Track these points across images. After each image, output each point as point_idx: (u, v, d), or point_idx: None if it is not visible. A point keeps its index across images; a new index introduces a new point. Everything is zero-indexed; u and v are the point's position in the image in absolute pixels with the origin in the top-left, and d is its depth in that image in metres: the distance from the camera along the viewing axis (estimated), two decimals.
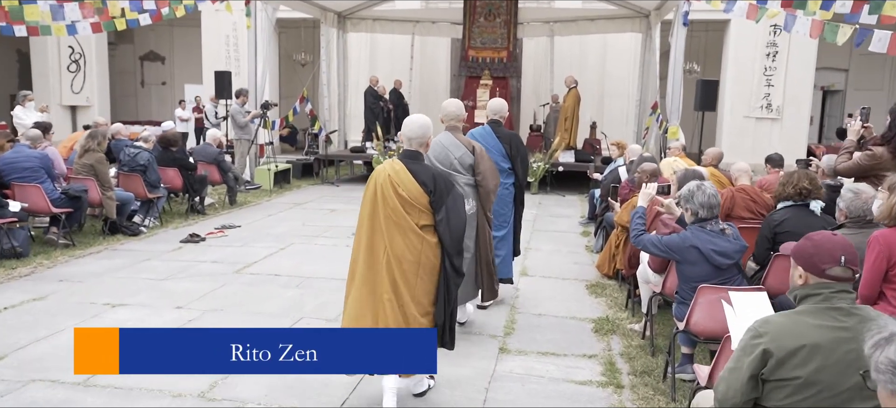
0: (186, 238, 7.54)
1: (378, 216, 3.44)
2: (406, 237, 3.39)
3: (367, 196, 3.52)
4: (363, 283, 3.47)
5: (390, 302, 3.40)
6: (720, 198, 3.70)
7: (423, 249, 3.41)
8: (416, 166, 3.44)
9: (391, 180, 3.40)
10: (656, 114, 13.14)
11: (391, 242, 3.39)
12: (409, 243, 3.39)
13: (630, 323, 5.03)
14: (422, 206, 3.40)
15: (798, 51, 16.79)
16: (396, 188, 3.39)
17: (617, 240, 6.12)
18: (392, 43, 17.39)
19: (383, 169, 3.50)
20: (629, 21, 15.36)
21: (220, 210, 9.67)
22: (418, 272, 3.43)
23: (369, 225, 3.48)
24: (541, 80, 17.10)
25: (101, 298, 5.37)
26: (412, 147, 3.54)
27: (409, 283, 3.41)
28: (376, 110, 13.59)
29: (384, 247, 3.40)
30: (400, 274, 3.40)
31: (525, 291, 5.88)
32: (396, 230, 3.39)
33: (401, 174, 3.42)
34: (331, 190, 12.07)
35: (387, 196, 3.40)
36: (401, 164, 3.47)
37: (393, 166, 3.48)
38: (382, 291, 3.41)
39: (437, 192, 3.39)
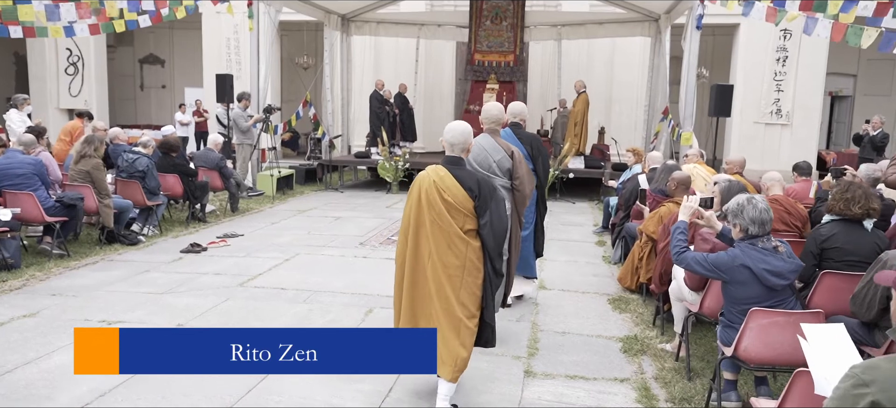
0: (187, 248, 7.22)
1: (423, 222, 3.44)
2: (451, 242, 3.41)
3: (411, 202, 3.52)
4: (411, 289, 3.50)
5: (439, 308, 3.43)
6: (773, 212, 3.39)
7: (468, 253, 3.43)
8: (460, 172, 3.46)
9: (436, 186, 3.41)
10: (667, 119, 12.84)
11: (437, 246, 3.41)
12: (454, 248, 3.41)
13: (661, 343, 4.71)
14: (467, 211, 3.42)
15: (808, 56, 16.52)
16: (442, 194, 3.40)
17: (640, 252, 5.80)
18: (396, 46, 17.11)
19: (427, 175, 3.50)
20: (638, 25, 15.07)
21: (222, 218, 9.35)
22: (463, 276, 3.44)
23: (415, 231, 3.48)
24: (548, 84, 16.82)
25: (96, 314, 5.05)
26: (455, 152, 3.53)
27: (454, 286, 3.43)
28: (382, 115, 13.28)
29: (429, 252, 3.42)
30: (446, 278, 3.42)
31: (545, 307, 5.56)
32: (441, 235, 3.41)
33: (446, 180, 3.42)
34: (335, 196, 11.76)
35: (432, 201, 3.41)
36: (445, 169, 3.47)
37: (437, 172, 3.47)
38: (429, 295, 3.44)
39: (481, 197, 3.41)
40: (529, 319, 5.23)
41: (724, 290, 3.44)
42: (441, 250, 3.41)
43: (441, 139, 3.64)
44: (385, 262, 6.88)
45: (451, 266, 3.42)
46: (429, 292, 3.44)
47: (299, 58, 19.23)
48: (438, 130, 14.84)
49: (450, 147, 3.54)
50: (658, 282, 4.87)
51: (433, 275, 3.42)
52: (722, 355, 3.47)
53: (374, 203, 11.04)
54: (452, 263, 3.42)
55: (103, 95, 18.38)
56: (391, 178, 12.26)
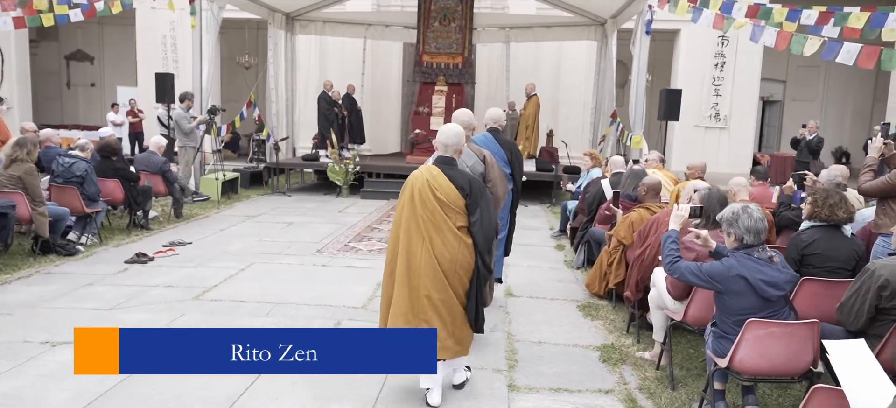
0: (132, 258, 6.79)
1: (416, 218, 3.59)
2: (444, 237, 3.57)
3: (403, 199, 3.68)
4: (402, 283, 3.61)
5: (428, 298, 3.57)
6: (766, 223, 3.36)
7: (460, 248, 3.59)
8: (452, 171, 3.64)
9: (429, 184, 3.59)
10: (616, 122, 13.01)
11: (431, 241, 3.56)
12: (447, 243, 3.57)
13: (638, 351, 4.67)
14: (458, 208, 3.60)
15: (744, 62, 17.12)
16: (435, 192, 3.57)
17: (610, 257, 5.78)
18: (342, 46, 16.77)
19: (420, 174, 3.66)
20: (585, 29, 15.23)
21: (166, 224, 8.88)
22: (455, 269, 3.60)
23: (407, 227, 3.62)
24: (495, 87, 16.81)
25: (37, 335, 4.63)
26: (448, 153, 3.72)
27: (447, 279, 3.59)
28: (331, 117, 12.96)
29: (422, 247, 3.57)
30: (442, 272, 3.57)
31: (516, 314, 5.46)
32: (434, 231, 3.57)
33: (438, 179, 3.61)
34: (283, 201, 11.38)
35: (425, 199, 3.57)
36: (437, 169, 3.65)
37: (430, 171, 3.65)
38: (421, 288, 3.57)
39: (472, 195, 3.61)
40: (503, 328, 5.11)
41: (717, 300, 3.40)
42: (435, 245, 3.56)
43: (434, 141, 3.85)
44: (346, 270, 6.64)
45: (444, 260, 3.57)
46: (421, 286, 3.57)
47: (240, 57, 18.63)
48: (386, 132, 14.69)
49: (443, 148, 3.73)
50: (634, 289, 4.83)
51: (428, 268, 3.56)
52: (714, 365, 3.42)
53: (325, 207, 10.73)
54: (445, 257, 3.57)
55: (26, 93, 17.29)
56: (341, 181, 11.96)
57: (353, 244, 7.88)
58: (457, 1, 15.04)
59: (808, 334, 3.18)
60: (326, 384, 3.91)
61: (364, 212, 10.36)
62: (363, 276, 6.44)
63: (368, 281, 6.26)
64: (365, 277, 6.41)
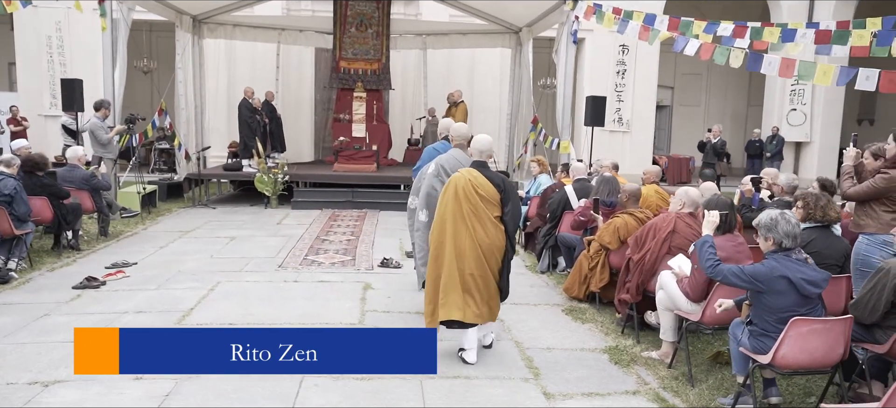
0: (82, 283, 6.24)
1: (461, 211, 4.41)
2: (485, 226, 4.44)
3: (447, 197, 4.48)
4: (452, 264, 4.42)
5: (472, 276, 4.43)
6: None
7: (496, 234, 4.47)
8: (487, 172, 4.53)
9: (471, 183, 4.44)
10: (538, 128, 13.43)
11: (473, 230, 4.41)
12: (487, 230, 4.44)
13: (643, 351, 4.90)
14: (495, 201, 4.47)
15: (642, 70, 18.24)
16: (476, 189, 4.43)
17: (590, 262, 6.01)
18: (252, 51, 16.19)
19: (462, 175, 4.49)
20: (500, 36, 15.61)
21: (95, 244, 8.21)
22: (492, 251, 4.47)
23: (453, 219, 4.43)
24: (410, 93, 16.85)
25: (19, 376, 4.18)
26: (482, 158, 4.63)
27: (487, 259, 4.47)
28: (253, 125, 12.47)
29: (467, 234, 4.40)
30: (481, 253, 4.43)
31: (511, 323, 5.55)
32: (477, 221, 4.42)
33: (478, 179, 4.47)
34: (210, 214, 10.82)
35: (469, 195, 4.42)
36: (476, 171, 4.51)
37: (470, 173, 4.50)
38: (467, 267, 4.42)
39: (505, 191, 4.50)
40: (507, 337, 5.19)
41: (758, 299, 3.65)
42: (477, 233, 4.40)
43: (469, 149, 4.76)
44: (321, 286, 6.46)
45: (484, 244, 4.42)
46: (468, 266, 4.40)
47: (137, 61, 17.46)
48: (300, 140, 14.27)
49: (478, 154, 4.63)
50: (634, 292, 5.06)
51: (472, 251, 4.40)
52: (754, 362, 3.67)
53: (260, 220, 10.32)
54: (486, 241, 4.43)
55: None
56: (270, 192, 11.55)
57: (312, 258, 7.66)
58: (373, 7, 14.95)
59: (842, 329, 3.51)
60: None
61: (303, 223, 10.07)
62: (341, 291, 6.30)
63: (350, 296, 6.13)
64: (344, 291, 6.27)
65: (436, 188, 5.02)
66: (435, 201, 4.82)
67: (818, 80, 8.05)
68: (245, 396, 3.94)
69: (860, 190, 4.56)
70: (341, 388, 4.10)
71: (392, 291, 6.34)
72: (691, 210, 5.01)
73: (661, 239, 4.89)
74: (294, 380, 4.18)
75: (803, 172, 18.30)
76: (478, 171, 4.47)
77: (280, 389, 4.06)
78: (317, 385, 4.12)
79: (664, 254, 4.89)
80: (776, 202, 5.83)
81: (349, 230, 9.49)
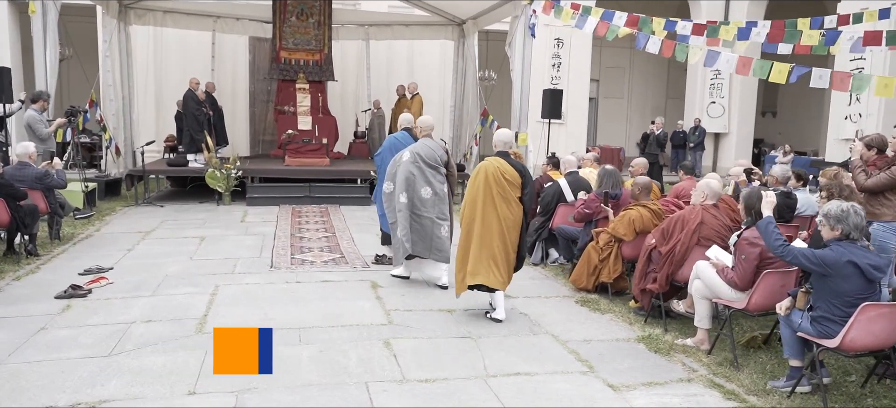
0: (67, 292, 5.72)
1: (491, 194, 5.18)
2: (510, 206, 5.23)
3: (478, 181, 5.25)
4: (480, 240, 5.21)
5: (498, 248, 5.23)
6: None
7: (517, 212, 5.28)
8: (510, 160, 5.32)
9: (499, 170, 5.21)
10: (488, 120, 13.52)
11: (498, 210, 5.20)
12: (511, 210, 5.24)
13: (676, 339, 5.06)
14: (517, 185, 5.25)
15: (576, 63, 18.74)
16: (503, 175, 5.21)
17: (600, 253, 6.13)
18: (182, 40, 15.34)
19: (489, 163, 5.27)
20: (443, 28, 15.59)
21: (50, 248, 7.55)
22: (512, 227, 5.27)
23: (483, 201, 5.20)
24: (351, 85, 16.52)
25: (54, 397, 3.78)
26: (504, 149, 5.40)
27: (510, 234, 5.27)
28: (201, 118, 11.81)
29: (494, 214, 5.19)
30: (505, 229, 5.24)
31: (534, 316, 5.59)
32: (503, 202, 5.20)
33: (504, 165, 5.25)
34: (161, 213, 10.18)
35: (498, 180, 5.20)
36: (500, 159, 5.29)
37: (497, 161, 5.27)
38: (494, 242, 5.22)
39: (525, 176, 5.30)
40: (542, 331, 5.22)
41: (822, 285, 3.85)
42: (503, 212, 5.18)
43: (494, 140, 5.43)
44: (326, 286, 6.25)
45: (508, 222, 5.22)
46: (495, 236, 5.20)
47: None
48: (237, 132, 13.62)
49: (502, 145, 5.39)
50: (664, 282, 5.21)
51: (497, 224, 5.19)
52: (817, 346, 3.87)
53: (219, 218, 9.82)
54: (509, 219, 5.22)
55: None
56: (223, 188, 11.01)
57: (300, 257, 7.38)
58: None
59: None
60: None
61: (267, 220, 9.68)
62: (351, 290, 6.12)
63: (362, 295, 5.97)
64: (354, 291, 6.10)
65: (413, 173, 6.04)
66: (412, 185, 6.00)
67: (774, 78, 8.52)
68: (318, 400, 3.77)
69: (879, 180, 4.88)
70: (409, 391, 4.00)
71: (402, 289, 6.22)
72: (714, 201, 5.21)
73: (691, 231, 5.06)
74: (360, 384, 4.04)
75: (722, 160, 19.45)
76: (502, 159, 5.26)
77: (349, 394, 3.90)
78: (385, 391, 3.98)
79: (693, 245, 5.07)
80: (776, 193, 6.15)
81: (321, 227, 9.21)
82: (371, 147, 14.86)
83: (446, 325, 5.25)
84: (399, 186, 6.06)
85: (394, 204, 6.14)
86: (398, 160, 6.21)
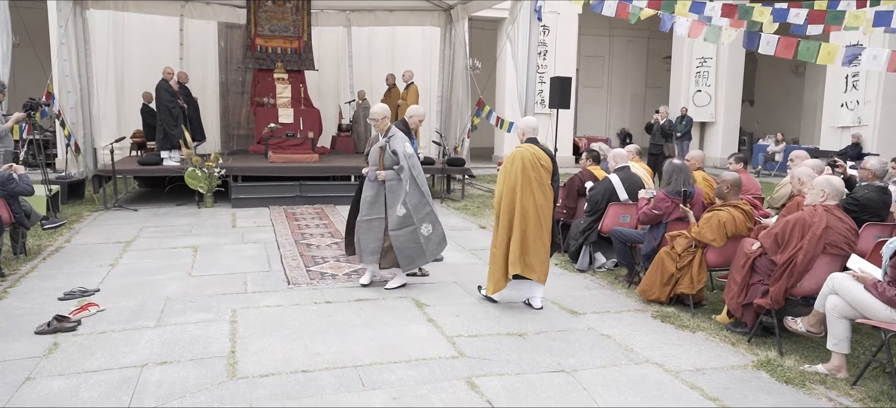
0: (51, 326, 4.63)
1: (529, 180, 5.12)
2: (543, 191, 5.20)
3: (514, 169, 5.14)
4: (519, 226, 5.11)
5: (532, 234, 5.14)
6: None
7: (548, 197, 5.25)
8: (541, 147, 5.29)
9: (534, 156, 5.17)
10: (485, 110, 12.67)
11: (535, 195, 5.14)
12: (545, 195, 5.22)
13: (801, 365, 4.31)
14: (549, 170, 5.24)
15: (561, 51, 18.11)
16: (539, 161, 5.18)
17: (678, 261, 5.36)
18: (147, 26, 13.99)
19: (524, 150, 5.21)
20: (429, 14, 14.65)
21: (15, 266, 6.39)
22: (546, 212, 5.23)
23: (522, 187, 5.11)
24: (331, 74, 15.43)
25: None
26: (533, 136, 5.36)
27: (545, 218, 5.22)
28: (176, 111, 10.60)
29: (531, 200, 5.13)
30: (541, 214, 5.18)
31: (616, 336, 4.79)
32: (538, 187, 5.16)
33: (538, 151, 5.22)
34: (135, 218, 9.00)
35: (535, 166, 5.15)
36: (534, 146, 5.26)
37: (531, 148, 5.23)
38: (529, 229, 5.13)
39: (554, 162, 5.31)
40: (637, 359, 4.41)
41: None
42: (538, 197, 5.15)
43: (521, 130, 5.42)
44: (363, 306, 5.31)
45: (542, 206, 5.19)
46: (532, 223, 5.13)
47: None
48: (207, 126, 12.40)
49: (532, 131, 5.38)
50: (780, 296, 4.45)
51: (533, 211, 5.14)
52: None
53: (206, 223, 8.71)
54: (543, 203, 5.19)
55: None
56: (205, 188, 9.87)
57: (316, 269, 6.41)
58: None
59: None
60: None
61: (260, 224, 8.63)
62: (396, 312, 5.20)
63: (412, 318, 5.06)
64: (399, 313, 5.18)
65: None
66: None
67: (822, 60, 7.84)
68: None
69: None
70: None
71: (455, 308, 5.33)
72: (836, 201, 4.49)
73: (816, 237, 4.32)
74: None
75: (708, 150, 19.07)
76: (535, 145, 5.24)
77: None
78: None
79: (818, 254, 4.33)
80: (867, 187, 5.49)
81: (325, 232, 8.21)
82: (357, 140, 13.85)
83: (528, 354, 4.40)
84: (422, 182, 5.76)
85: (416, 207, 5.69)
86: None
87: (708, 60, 18.48)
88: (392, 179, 5.65)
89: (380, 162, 5.67)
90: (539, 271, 5.18)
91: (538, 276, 5.19)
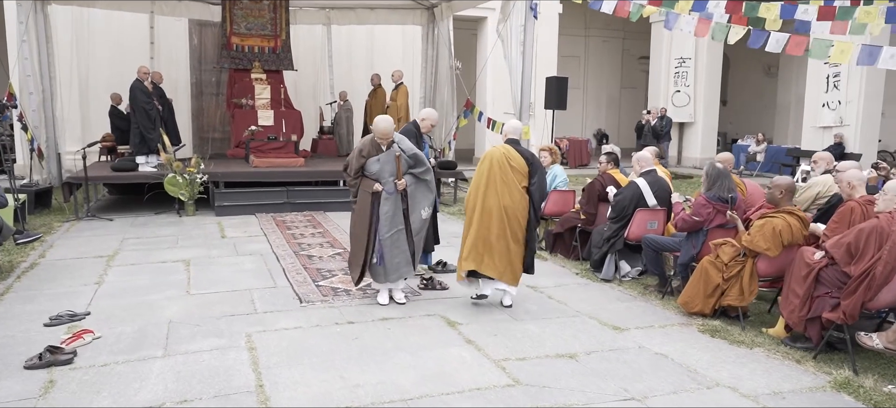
0: (43, 359, 4.03)
1: (494, 180, 5.06)
2: (511, 192, 5.05)
3: (482, 168, 5.13)
4: (478, 223, 5.07)
5: (496, 231, 5.05)
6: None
7: (521, 200, 5.08)
8: (518, 148, 5.17)
9: (505, 156, 5.09)
10: (474, 112, 12.27)
11: (503, 197, 5.03)
12: (515, 198, 5.05)
13: (883, 385, 4.00)
14: (524, 173, 5.08)
15: (541, 51, 17.73)
16: (509, 161, 5.08)
17: (724, 271, 5.03)
18: (113, 23, 13.20)
19: (497, 149, 5.17)
20: (411, 12, 14.21)
21: None
22: (515, 215, 5.06)
23: (486, 186, 5.08)
24: (309, 74, 14.82)
25: None
26: (514, 137, 5.26)
27: (514, 224, 5.08)
28: (152, 113, 9.89)
29: (495, 200, 5.04)
30: (508, 219, 5.05)
31: (673, 355, 4.43)
32: (507, 189, 5.05)
33: (511, 152, 5.12)
34: (112, 228, 8.30)
35: (503, 166, 5.07)
36: (508, 146, 5.15)
37: (504, 148, 5.15)
38: (493, 230, 5.05)
39: (533, 165, 5.11)
40: (708, 383, 4.04)
41: None
42: (505, 199, 5.02)
43: (505, 132, 5.31)
44: (392, 327, 4.83)
45: (511, 210, 5.04)
46: (495, 222, 5.03)
47: None
48: (180, 130, 11.64)
49: (513, 132, 5.27)
50: (855, 311, 4.14)
51: (498, 211, 5.03)
52: None
53: (191, 234, 8.08)
54: (510, 204, 5.03)
55: None
56: (187, 195, 9.21)
57: (325, 284, 5.90)
58: None
59: None
60: None
61: (251, 234, 8.06)
62: (429, 333, 4.74)
63: (448, 341, 4.61)
64: (433, 335, 4.73)
65: None
66: None
67: (835, 59, 7.65)
68: None
69: None
70: None
71: (489, 326, 4.90)
72: None
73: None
74: None
75: (687, 151, 19.05)
76: (511, 146, 5.14)
77: None
78: None
79: None
80: None
81: (323, 241, 7.68)
82: (339, 143, 13.29)
83: (588, 380, 3.99)
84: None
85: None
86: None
87: (687, 61, 18.40)
88: (411, 184, 5.20)
89: (398, 172, 5.17)
90: (502, 272, 5.07)
91: (501, 276, 5.09)
